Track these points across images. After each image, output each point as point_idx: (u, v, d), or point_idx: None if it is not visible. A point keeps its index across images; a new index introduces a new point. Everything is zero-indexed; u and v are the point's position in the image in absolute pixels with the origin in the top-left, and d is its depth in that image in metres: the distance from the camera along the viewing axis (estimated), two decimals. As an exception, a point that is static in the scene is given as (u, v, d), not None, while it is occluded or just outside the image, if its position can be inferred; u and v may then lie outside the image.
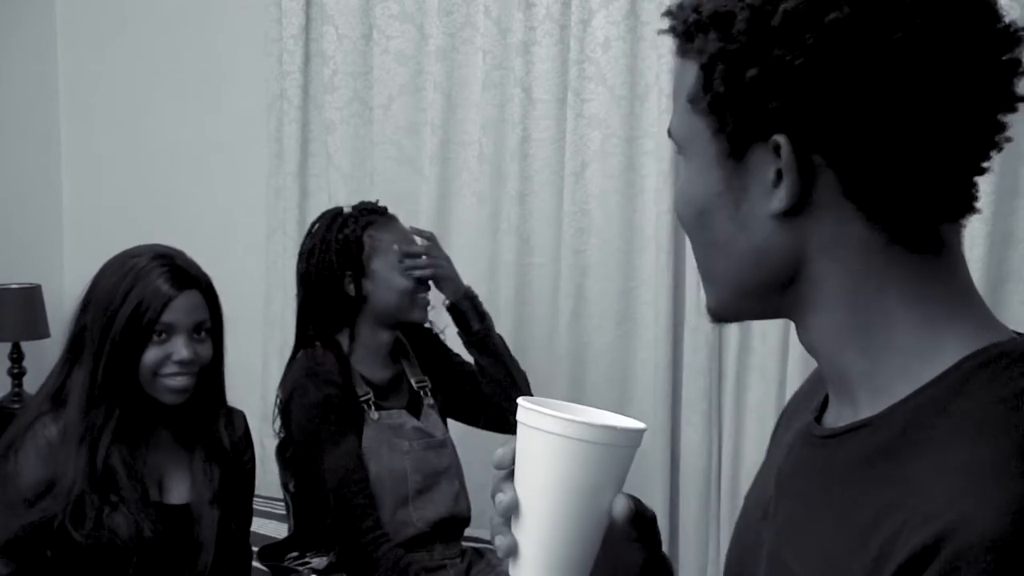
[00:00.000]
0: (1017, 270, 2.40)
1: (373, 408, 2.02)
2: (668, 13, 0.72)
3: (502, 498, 0.75)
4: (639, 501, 0.77)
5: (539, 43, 2.70)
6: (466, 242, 2.81)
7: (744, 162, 0.67)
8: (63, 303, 3.51)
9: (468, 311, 2.14)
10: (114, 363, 1.59)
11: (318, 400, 1.96)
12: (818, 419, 0.75)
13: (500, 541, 0.75)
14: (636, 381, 2.73)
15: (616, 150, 2.67)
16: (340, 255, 2.02)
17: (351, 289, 2.03)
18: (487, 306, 2.21)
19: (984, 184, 2.51)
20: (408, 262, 2.06)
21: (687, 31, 0.69)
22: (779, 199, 0.66)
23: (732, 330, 2.58)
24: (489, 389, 2.17)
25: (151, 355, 1.60)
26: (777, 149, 0.65)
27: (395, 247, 2.05)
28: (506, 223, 2.77)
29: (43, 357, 3.49)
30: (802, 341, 0.73)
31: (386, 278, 2.04)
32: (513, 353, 2.24)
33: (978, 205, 0.69)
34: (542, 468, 0.73)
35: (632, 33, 2.64)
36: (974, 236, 2.31)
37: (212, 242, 2.33)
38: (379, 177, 2.93)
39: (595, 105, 2.68)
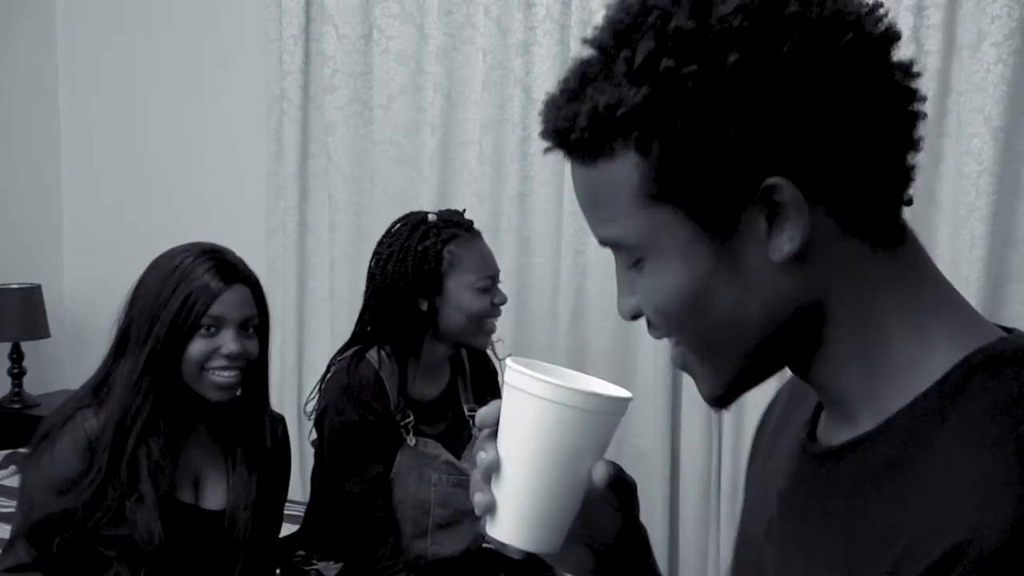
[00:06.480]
0: (1017, 270, 2.39)
1: (411, 433, 1.97)
2: (554, 124, 0.71)
3: (484, 456, 0.76)
4: (620, 468, 0.78)
5: (539, 43, 2.70)
6: (466, 242, 2.81)
7: (732, 229, 0.66)
8: (63, 303, 3.51)
9: None
10: (159, 357, 1.57)
11: (352, 421, 1.91)
12: (811, 434, 0.75)
13: (479, 498, 0.77)
14: (636, 381, 2.73)
15: (616, 150, 2.67)
16: (416, 267, 1.94)
17: (423, 305, 1.96)
18: None
19: (984, 184, 2.49)
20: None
21: (600, 131, 0.66)
22: (789, 240, 0.65)
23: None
24: None
25: (198, 348, 1.58)
26: (767, 197, 0.64)
27: (475, 274, 1.98)
28: (506, 223, 2.77)
29: (43, 357, 3.50)
30: (799, 377, 0.73)
31: (457, 298, 1.96)
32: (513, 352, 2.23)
33: (978, 205, 0.70)
34: (526, 431, 0.74)
35: (632, 33, 2.64)
36: (974, 236, 2.30)
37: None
38: (379, 177, 2.93)
39: (595, 105, 2.67)
